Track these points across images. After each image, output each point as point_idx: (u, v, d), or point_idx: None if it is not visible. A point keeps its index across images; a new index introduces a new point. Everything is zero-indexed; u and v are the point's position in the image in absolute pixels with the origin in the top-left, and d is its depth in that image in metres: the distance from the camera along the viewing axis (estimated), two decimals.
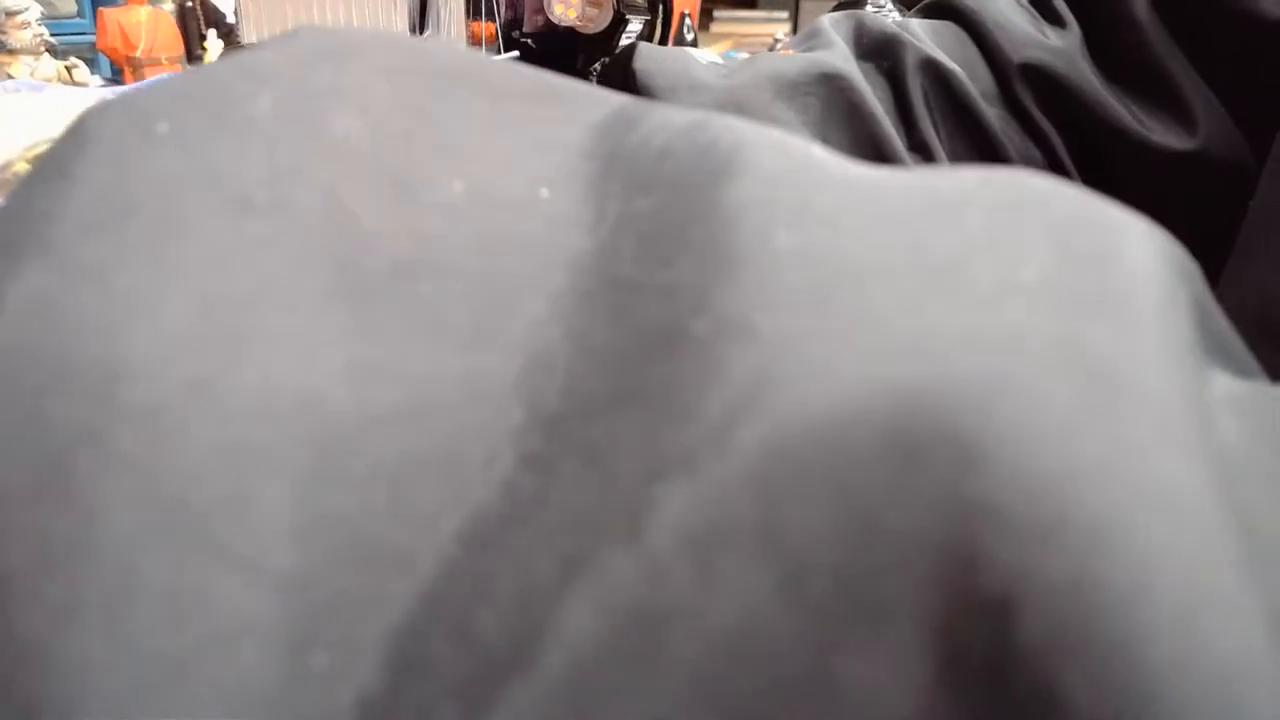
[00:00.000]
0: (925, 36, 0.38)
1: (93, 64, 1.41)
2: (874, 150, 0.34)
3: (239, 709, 0.07)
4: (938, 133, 0.36)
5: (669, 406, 0.08)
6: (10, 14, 1.19)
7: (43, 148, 0.15)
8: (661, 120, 0.10)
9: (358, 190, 0.09)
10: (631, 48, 0.36)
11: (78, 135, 0.09)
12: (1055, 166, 0.37)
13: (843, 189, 0.09)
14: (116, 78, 1.37)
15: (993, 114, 0.37)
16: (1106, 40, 0.38)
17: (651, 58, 0.36)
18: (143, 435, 0.08)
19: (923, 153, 0.36)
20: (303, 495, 0.08)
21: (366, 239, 0.09)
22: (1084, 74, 0.37)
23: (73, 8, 1.77)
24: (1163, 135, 0.36)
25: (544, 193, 0.10)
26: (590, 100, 0.11)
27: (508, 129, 0.10)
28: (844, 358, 0.08)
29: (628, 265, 0.09)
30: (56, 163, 0.09)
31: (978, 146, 0.37)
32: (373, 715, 0.07)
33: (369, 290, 0.09)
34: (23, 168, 0.15)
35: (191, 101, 0.09)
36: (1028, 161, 0.37)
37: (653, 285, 0.09)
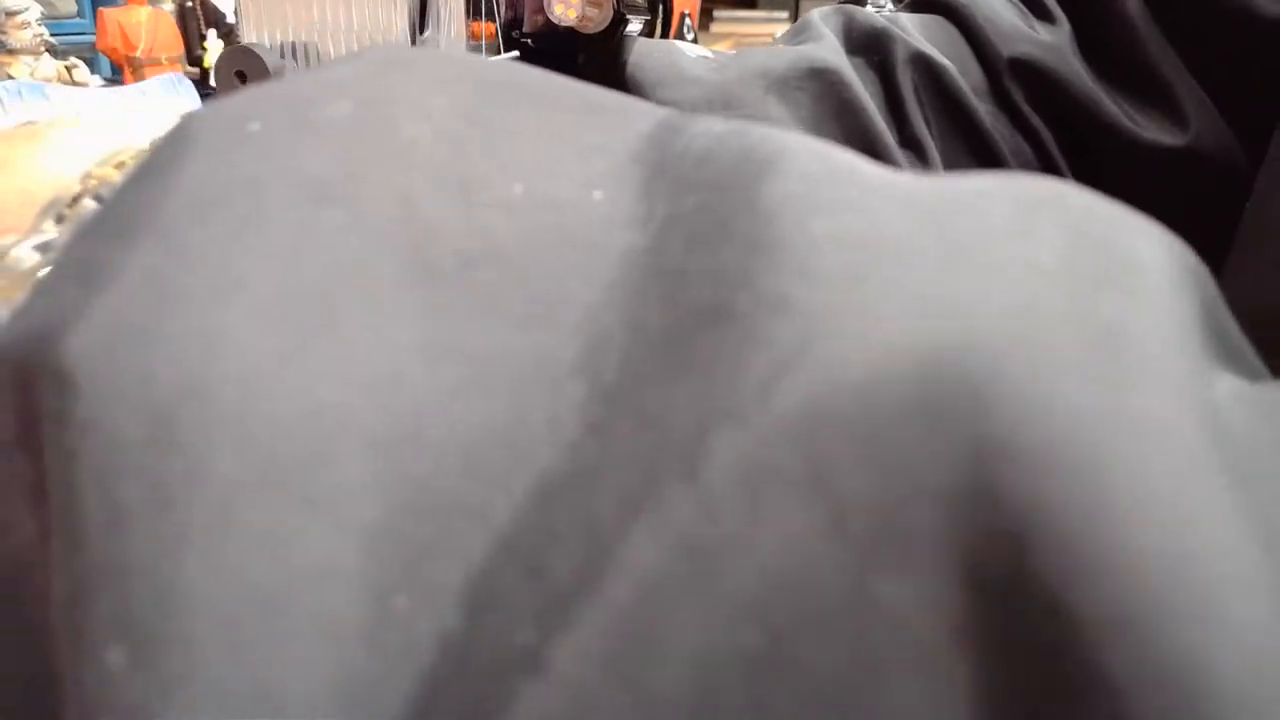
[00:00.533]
0: (915, 31, 0.38)
1: (93, 64, 1.41)
2: (866, 146, 0.34)
3: (329, 639, 0.08)
4: (929, 128, 0.36)
5: (716, 371, 0.09)
6: (10, 14, 1.19)
7: (123, 157, 0.16)
8: (703, 128, 0.11)
9: (424, 189, 0.10)
10: (621, 42, 0.36)
11: (182, 134, 0.11)
12: (1046, 162, 0.37)
13: (876, 186, 0.10)
14: (116, 78, 1.37)
15: (983, 109, 0.37)
16: (1097, 37, 0.38)
17: (640, 51, 0.36)
18: (239, 394, 0.09)
19: (914, 148, 0.36)
20: (381, 455, 0.09)
21: (433, 232, 0.10)
22: (1074, 70, 0.37)
23: (73, 8, 1.77)
24: (1154, 132, 0.35)
25: (596, 195, 0.10)
26: (636, 111, 0.12)
27: (561, 137, 0.11)
28: (876, 324, 0.09)
29: (676, 257, 0.10)
30: (161, 160, 0.10)
31: (968, 142, 0.37)
32: (454, 645, 0.08)
33: (435, 277, 0.10)
34: (110, 174, 0.16)
35: (279, 106, 0.11)
36: (1018, 156, 0.37)
37: (699, 272, 0.09)
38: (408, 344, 0.09)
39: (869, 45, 0.37)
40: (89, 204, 0.15)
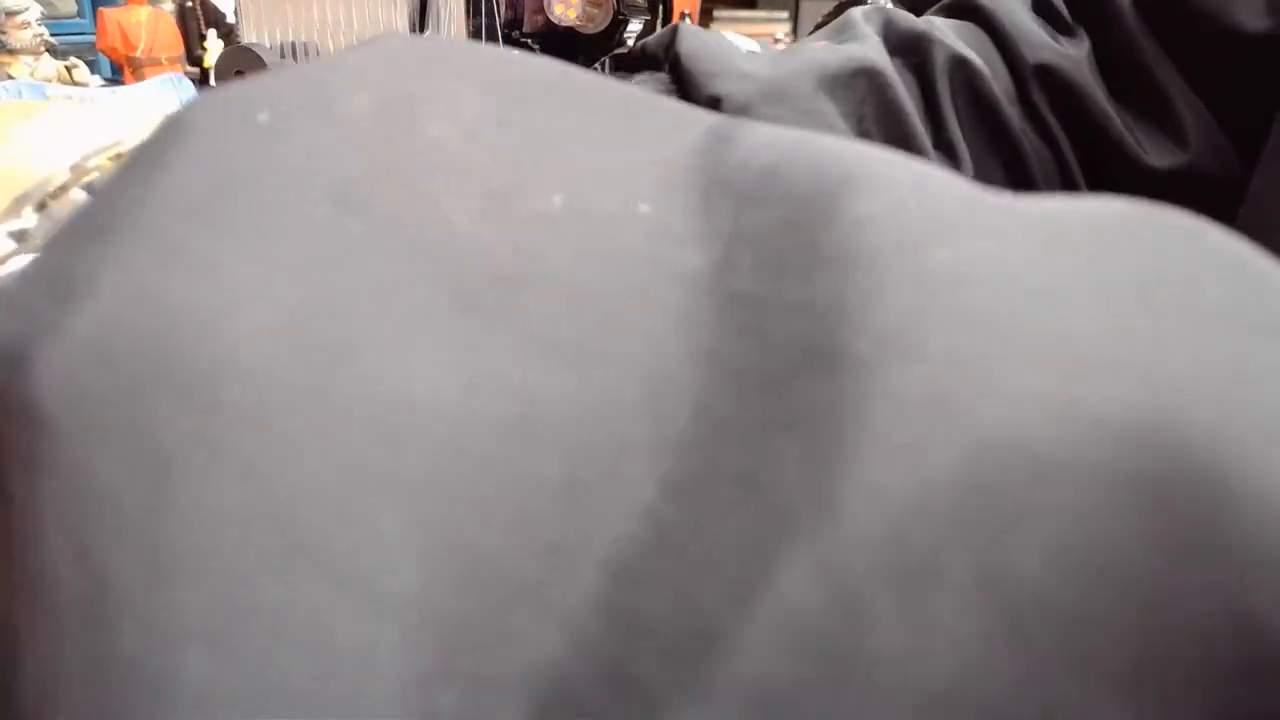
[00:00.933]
0: (951, 34, 0.38)
1: (93, 64, 1.41)
2: (904, 147, 0.34)
3: None
4: (961, 130, 0.36)
5: (835, 430, 0.07)
6: (10, 14, 1.19)
7: (121, 148, 0.15)
8: (761, 136, 0.10)
9: (454, 196, 0.09)
10: (673, 29, 0.36)
11: (176, 125, 0.09)
12: (1064, 171, 0.37)
13: (979, 207, 0.09)
14: (116, 78, 1.37)
15: (1013, 113, 0.37)
16: (1101, 49, 0.38)
17: (696, 41, 0.35)
18: (251, 442, 0.07)
19: (947, 151, 0.36)
20: (421, 515, 0.07)
21: (465, 247, 0.09)
22: (1091, 84, 0.37)
23: (73, 8, 1.77)
24: (1157, 156, 0.36)
25: (643, 208, 0.09)
26: (681, 116, 0.11)
27: (601, 144, 0.10)
28: (1039, 379, 0.07)
29: (747, 281, 0.08)
30: (154, 151, 0.09)
31: (998, 145, 0.37)
32: None
33: (470, 299, 0.08)
34: (105, 165, 0.15)
35: (290, 95, 0.09)
36: (1042, 163, 0.37)
37: (785, 302, 0.08)
38: (443, 380, 0.08)
39: (909, 47, 0.37)
40: (77, 195, 0.14)
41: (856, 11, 0.39)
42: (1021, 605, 0.07)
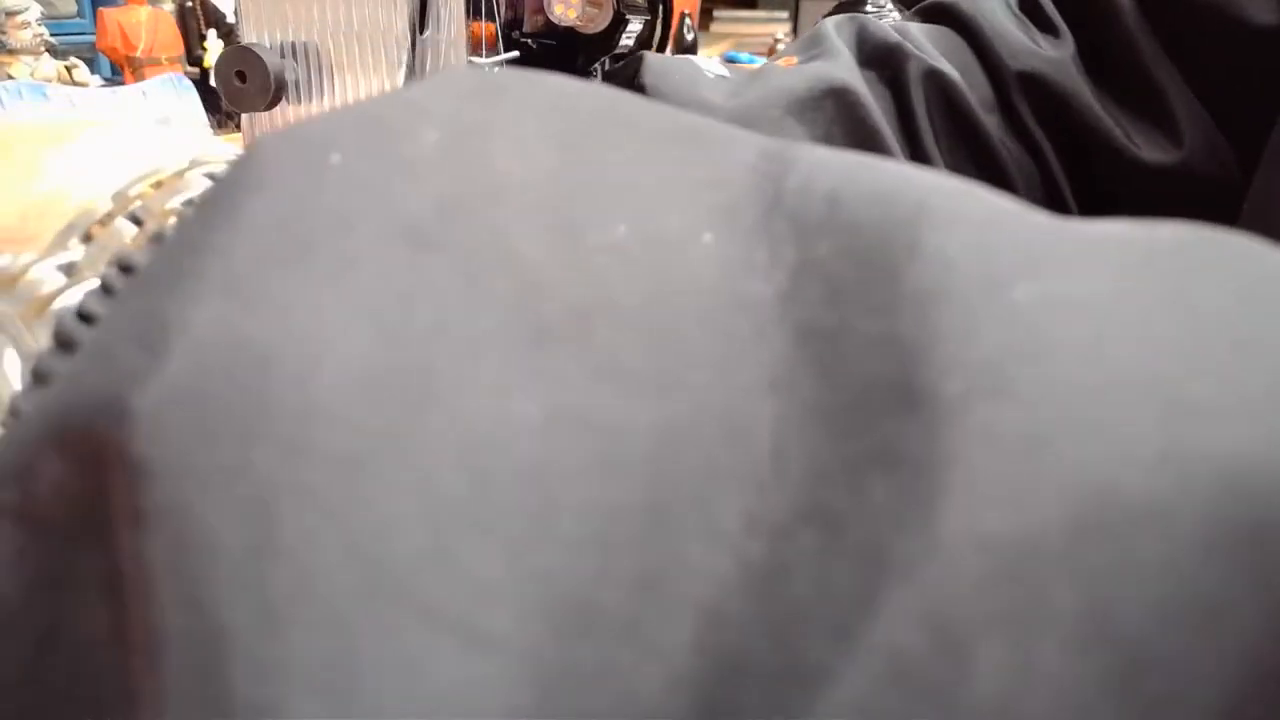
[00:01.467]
0: (926, 43, 0.38)
1: (93, 64, 1.41)
2: None
3: None
4: (937, 143, 0.36)
5: (930, 470, 0.07)
6: (10, 14, 1.19)
7: (160, 175, 0.15)
8: (819, 161, 0.10)
9: (523, 228, 0.09)
10: (639, 59, 0.36)
11: (251, 163, 0.09)
12: (1047, 177, 0.37)
13: (1056, 237, 0.09)
14: (116, 78, 1.37)
15: (990, 123, 0.37)
16: (1097, 49, 0.38)
17: (659, 72, 0.35)
18: (342, 485, 0.07)
19: (923, 165, 0.36)
20: (510, 553, 0.07)
21: (539, 280, 0.09)
22: (1077, 85, 0.37)
23: (73, 8, 1.77)
24: (1149, 151, 0.35)
25: (707, 237, 0.09)
26: (732, 140, 0.11)
27: (658, 170, 0.10)
28: (1136, 421, 0.07)
29: (817, 311, 0.08)
30: (229, 195, 0.09)
31: (976, 156, 0.37)
32: None
33: (546, 333, 0.08)
34: (147, 192, 0.14)
35: (359, 135, 0.09)
36: (1023, 171, 0.37)
37: (861, 336, 0.08)
38: (527, 416, 0.08)
39: (882, 60, 0.37)
40: (122, 225, 0.14)
41: (829, 23, 0.39)
42: (1127, 652, 0.07)
